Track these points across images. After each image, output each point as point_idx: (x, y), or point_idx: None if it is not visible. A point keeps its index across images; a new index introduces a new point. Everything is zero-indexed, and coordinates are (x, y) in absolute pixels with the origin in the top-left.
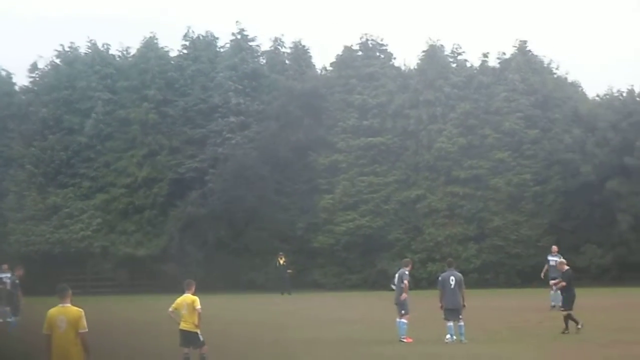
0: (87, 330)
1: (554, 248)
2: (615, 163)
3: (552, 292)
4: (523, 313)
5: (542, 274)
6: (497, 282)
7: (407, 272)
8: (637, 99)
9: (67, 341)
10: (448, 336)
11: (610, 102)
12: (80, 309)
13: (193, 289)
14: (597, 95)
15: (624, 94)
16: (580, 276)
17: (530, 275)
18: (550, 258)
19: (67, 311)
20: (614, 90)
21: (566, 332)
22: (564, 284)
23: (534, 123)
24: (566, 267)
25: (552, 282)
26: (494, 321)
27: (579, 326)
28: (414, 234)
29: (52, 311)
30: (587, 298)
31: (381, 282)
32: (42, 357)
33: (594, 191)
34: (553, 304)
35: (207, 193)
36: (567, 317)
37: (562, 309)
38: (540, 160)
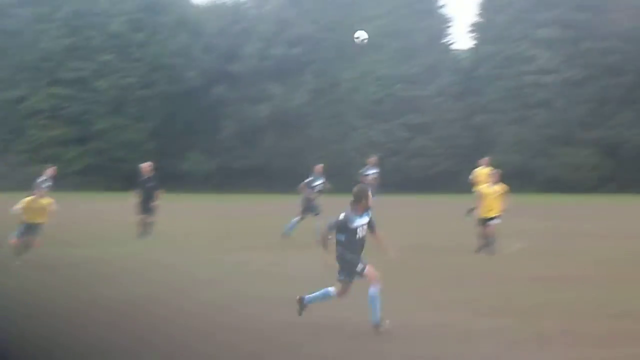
0: None
1: (372, 159)
2: (222, 69)
3: None
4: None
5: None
6: (99, 186)
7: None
8: (245, 6)
9: None
10: None
11: (217, 9)
12: None
13: None
14: (206, 2)
15: (231, 1)
16: (183, 183)
17: (134, 179)
18: (369, 172)
19: None
20: None
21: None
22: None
23: (140, 27)
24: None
25: None
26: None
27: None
28: (16, 135)
29: None
30: (191, 204)
31: None
32: None
33: (199, 97)
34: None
35: None
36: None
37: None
38: (146, 64)
